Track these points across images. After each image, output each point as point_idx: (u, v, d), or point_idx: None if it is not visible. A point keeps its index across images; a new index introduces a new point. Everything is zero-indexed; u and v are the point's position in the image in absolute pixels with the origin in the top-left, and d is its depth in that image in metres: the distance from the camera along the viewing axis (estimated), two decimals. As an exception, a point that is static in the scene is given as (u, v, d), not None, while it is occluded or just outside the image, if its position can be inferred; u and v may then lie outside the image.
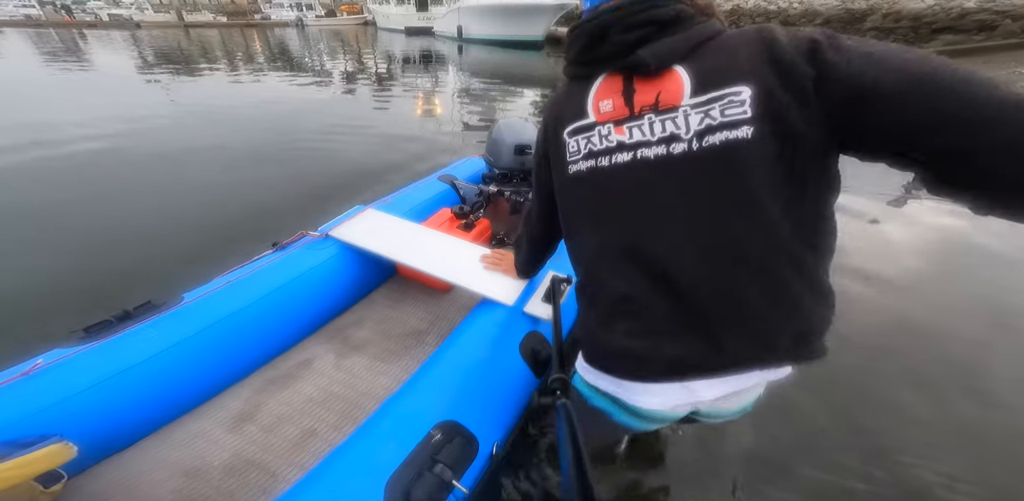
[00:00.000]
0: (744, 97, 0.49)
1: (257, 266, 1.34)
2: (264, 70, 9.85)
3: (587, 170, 0.62)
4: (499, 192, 1.91)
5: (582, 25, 0.61)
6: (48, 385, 0.95)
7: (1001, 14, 7.91)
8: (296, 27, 31.87)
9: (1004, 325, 1.85)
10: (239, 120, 5.27)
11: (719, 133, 0.51)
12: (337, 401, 1.21)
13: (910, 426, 1.40)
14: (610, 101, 0.59)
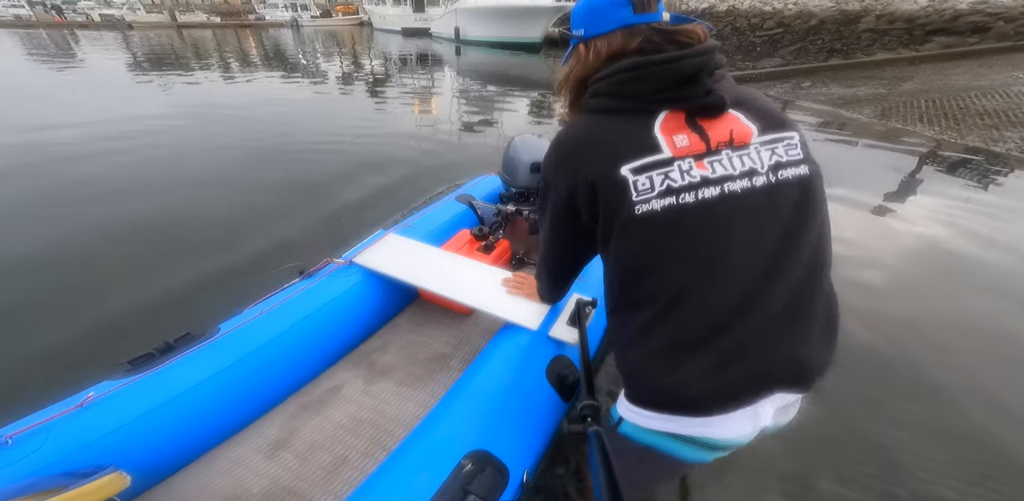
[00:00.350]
0: (796, 141, 0.63)
1: (287, 295, 1.39)
2: (259, 71, 9.75)
3: (664, 208, 0.59)
4: (517, 211, 1.93)
5: (650, 65, 0.60)
6: (101, 416, 1.01)
7: (994, 16, 7.83)
8: (291, 28, 31.00)
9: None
10: (236, 123, 5.24)
11: (790, 169, 0.61)
12: (367, 427, 1.23)
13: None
14: (685, 136, 0.60)
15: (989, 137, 4.25)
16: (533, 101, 7.10)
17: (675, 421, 0.65)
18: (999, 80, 5.83)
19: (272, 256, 2.37)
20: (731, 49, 13.45)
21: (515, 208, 1.93)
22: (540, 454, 1.05)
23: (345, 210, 3.01)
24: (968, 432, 1.41)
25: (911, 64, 7.41)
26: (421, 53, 14.83)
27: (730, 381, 0.60)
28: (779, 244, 0.60)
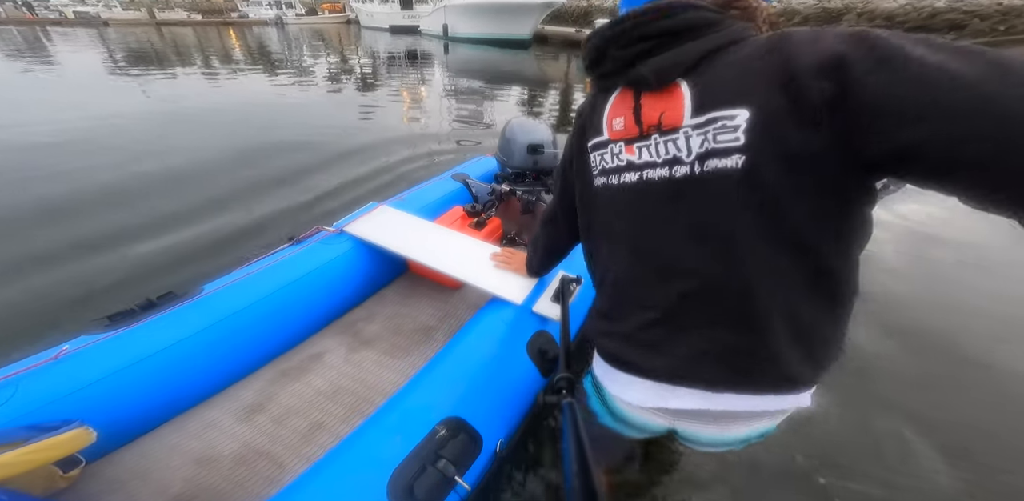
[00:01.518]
0: (738, 122, 0.45)
1: (274, 259, 1.37)
2: (244, 69, 9.53)
3: (601, 186, 0.63)
4: (511, 191, 1.91)
5: (590, 38, 0.59)
6: (73, 371, 0.99)
7: (969, 14, 8.10)
8: (275, 26, 30.38)
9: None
10: (220, 123, 5.00)
11: (719, 159, 0.47)
12: (346, 395, 1.22)
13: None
14: (622, 119, 0.57)
15: None
16: (524, 97, 7.02)
17: (604, 370, 0.70)
18: None
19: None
20: None
21: (509, 188, 1.91)
22: (515, 426, 1.04)
23: (331, 212, 2.80)
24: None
25: None
26: (410, 50, 14.48)
27: (629, 352, 0.64)
28: (687, 242, 0.53)
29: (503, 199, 1.96)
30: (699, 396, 0.59)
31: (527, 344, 1.13)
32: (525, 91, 7.49)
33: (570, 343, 1.02)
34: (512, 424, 1.02)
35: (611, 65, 0.56)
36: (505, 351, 1.10)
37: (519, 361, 1.11)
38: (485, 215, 1.74)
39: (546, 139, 1.86)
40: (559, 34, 15.60)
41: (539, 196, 1.93)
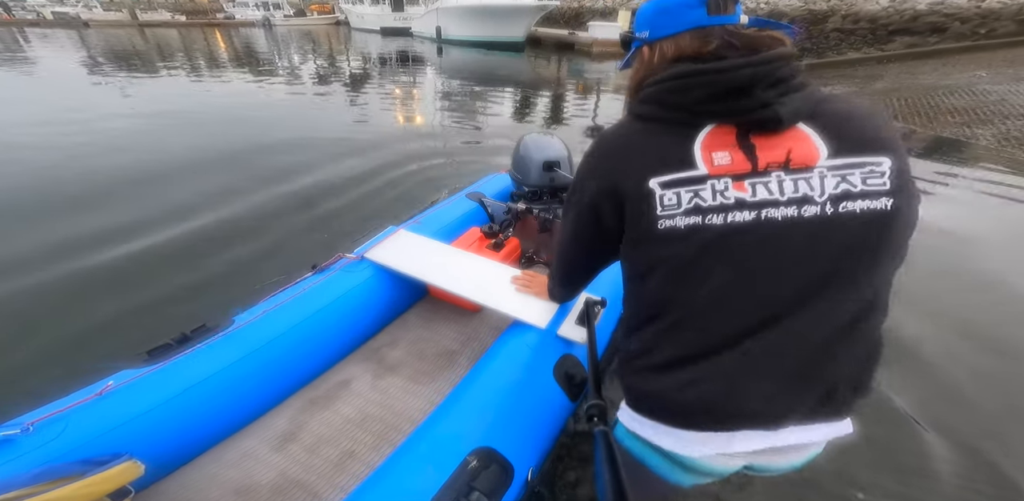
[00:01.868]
0: (884, 169, 0.51)
1: (299, 289, 1.41)
2: (231, 71, 9.43)
3: (687, 227, 0.55)
4: (528, 210, 1.92)
5: (698, 73, 0.55)
6: (119, 405, 1.03)
7: (950, 17, 8.23)
8: (263, 27, 29.36)
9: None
10: (206, 124, 5.01)
11: (861, 201, 0.51)
12: (374, 422, 1.24)
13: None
14: (727, 153, 0.55)
15: (962, 134, 4.39)
16: (519, 100, 7.04)
17: (654, 428, 0.65)
18: (963, 79, 6.06)
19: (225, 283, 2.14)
20: None
21: (526, 206, 1.93)
22: (546, 453, 1.04)
23: (325, 220, 2.84)
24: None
25: (880, 63, 7.73)
26: (402, 53, 14.48)
27: (706, 401, 0.59)
28: (812, 288, 0.54)
29: (520, 218, 1.98)
30: (762, 437, 0.60)
31: (554, 368, 1.13)
32: (521, 93, 7.54)
33: (599, 367, 1.02)
34: (542, 451, 1.02)
35: (748, 103, 0.54)
36: (531, 376, 1.11)
37: (546, 386, 1.11)
38: (503, 236, 1.76)
39: (562, 155, 1.87)
40: (552, 36, 15.64)
41: (556, 214, 1.94)
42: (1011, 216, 2.81)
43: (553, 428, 1.07)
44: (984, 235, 2.53)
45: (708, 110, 0.56)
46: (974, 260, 2.31)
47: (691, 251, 0.56)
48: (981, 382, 1.59)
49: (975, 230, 2.58)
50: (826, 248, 0.53)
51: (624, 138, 0.64)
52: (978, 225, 2.65)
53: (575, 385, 1.14)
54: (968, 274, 2.19)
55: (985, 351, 1.73)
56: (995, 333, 1.82)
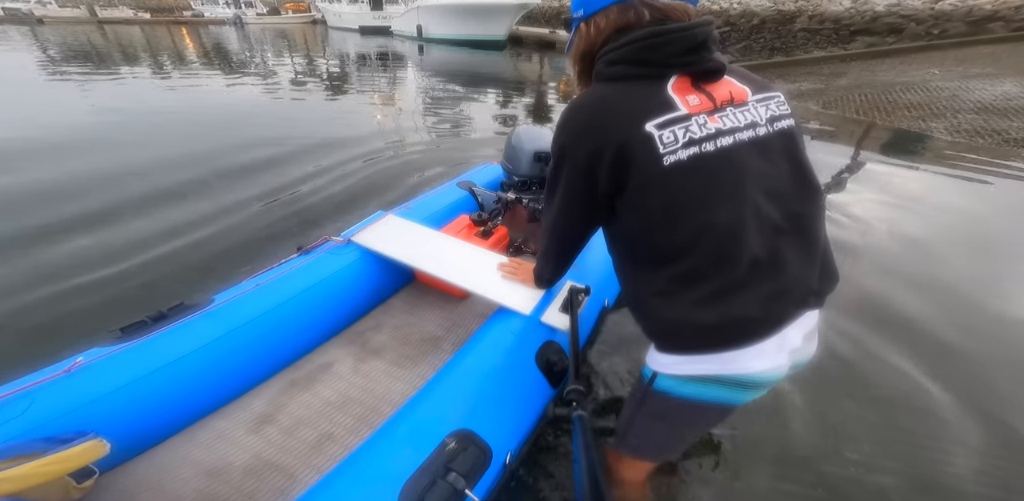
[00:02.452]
0: (782, 100, 0.74)
1: (282, 270, 1.38)
2: (198, 71, 9.05)
3: (689, 157, 0.65)
4: (517, 199, 1.91)
5: (668, 32, 0.65)
6: (87, 383, 1.00)
7: (906, 18, 8.66)
8: (234, 25, 28.21)
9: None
10: (174, 125, 4.76)
11: (783, 121, 0.72)
12: (355, 405, 1.23)
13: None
14: (695, 96, 0.67)
15: (918, 127, 4.74)
16: (504, 98, 6.98)
17: (714, 361, 0.70)
18: (918, 76, 6.45)
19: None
20: None
21: (515, 196, 1.92)
22: (525, 437, 1.04)
23: (305, 223, 2.70)
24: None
25: (843, 61, 8.17)
26: (381, 52, 14.15)
27: (758, 308, 0.67)
28: (790, 184, 0.70)
29: (509, 207, 1.96)
30: (802, 320, 0.71)
31: (536, 355, 1.13)
32: (504, 91, 7.48)
33: (579, 354, 1.02)
34: (522, 436, 1.02)
35: (707, 55, 0.67)
36: (514, 361, 1.10)
37: (528, 372, 1.11)
38: (492, 224, 1.74)
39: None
40: (533, 34, 15.56)
41: (545, 204, 1.93)
42: (965, 192, 3.23)
43: (533, 413, 1.07)
44: (940, 210, 2.92)
45: (677, 62, 0.67)
46: (927, 232, 2.65)
47: (701, 176, 0.66)
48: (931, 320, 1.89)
49: (934, 205, 2.98)
50: (778, 156, 0.70)
51: (601, 100, 0.70)
52: (939, 200, 3.07)
53: (556, 372, 1.14)
54: (920, 243, 2.53)
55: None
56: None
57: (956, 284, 2.14)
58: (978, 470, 1.28)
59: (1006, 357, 1.69)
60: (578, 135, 0.70)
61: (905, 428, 1.40)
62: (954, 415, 1.44)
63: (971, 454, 1.32)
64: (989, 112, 4.85)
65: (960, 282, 2.15)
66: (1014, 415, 1.45)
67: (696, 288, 0.68)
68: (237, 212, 2.83)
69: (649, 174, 0.65)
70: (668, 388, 0.77)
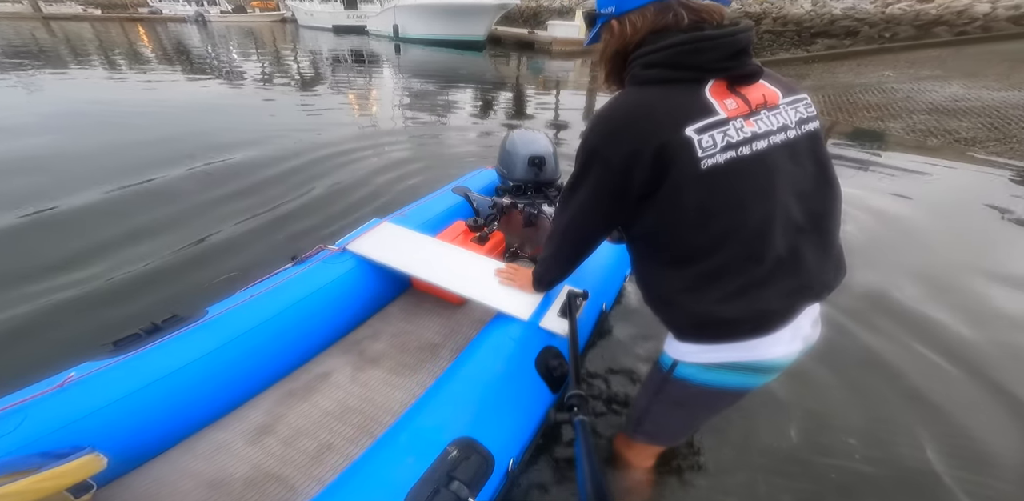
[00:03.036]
0: (808, 101, 0.77)
1: (278, 280, 1.38)
2: (158, 70, 8.60)
3: (726, 160, 0.67)
4: (513, 204, 1.92)
5: (712, 38, 0.66)
6: (80, 397, 0.99)
7: (861, 21, 9.15)
8: (196, 23, 26.88)
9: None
10: (122, 128, 4.49)
11: (809, 123, 0.74)
12: (354, 414, 1.22)
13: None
14: (732, 100, 0.69)
15: (877, 127, 5.00)
16: (487, 98, 6.95)
17: (736, 349, 0.75)
18: (874, 78, 6.79)
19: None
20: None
21: (511, 201, 1.93)
22: (527, 443, 1.05)
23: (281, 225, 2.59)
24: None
25: (806, 63, 8.58)
26: (356, 51, 13.77)
27: (778, 302, 0.72)
28: (817, 184, 0.74)
29: (505, 212, 1.97)
30: (810, 310, 0.77)
31: (535, 360, 1.13)
32: (486, 91, 7.45)
33: (579, 359, 1.03)
34: (523, 442, 1.02)
35: (747, 60, 0.69)
36: (513, 368, 1.11)
37: (528, 377, 1.11)
38: (488, 229, 1.75)
39: (547, 151, 1.88)
40: (512, 35, 15.59)
41: (541, 208, 1.95)
42: (922, 188, 3.41)
43: (534, 419, 1.08)
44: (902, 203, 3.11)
45: (719, 67, 0.68)
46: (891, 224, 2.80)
47: (735, 178, 0.68)
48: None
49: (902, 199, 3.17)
50: (805, 158, 0.73)
51: (640, 103, 0.70)
52: (906, 193, 3.26)
53: (556, 377, 1.15)
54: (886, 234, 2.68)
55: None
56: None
57: (933, 273, 2.25)
58: (956, 455, 1.33)
59: (986, 342, 1.78)
60: (615, 136, 0.69)
61: (889, 418, 1.46)
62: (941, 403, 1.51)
63: (955, 441, 1.38)
64: (940, 113, 5.12)
65: (934, 270, 2.27)
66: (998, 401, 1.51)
67: (722, 285, 0.72)
68: (210, 219, 2.71)
69: (687, 177, 0.67)
70: (689, 375, 0.82)
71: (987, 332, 1.83)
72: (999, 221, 2.86)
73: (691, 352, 0.80)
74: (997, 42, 8.67)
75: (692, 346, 0.79)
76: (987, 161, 3.86)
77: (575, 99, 7.26)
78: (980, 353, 1.72)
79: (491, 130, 4.95)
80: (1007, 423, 1.43)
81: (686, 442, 1.29)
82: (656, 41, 0.68)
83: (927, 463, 1.30)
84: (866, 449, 1.33)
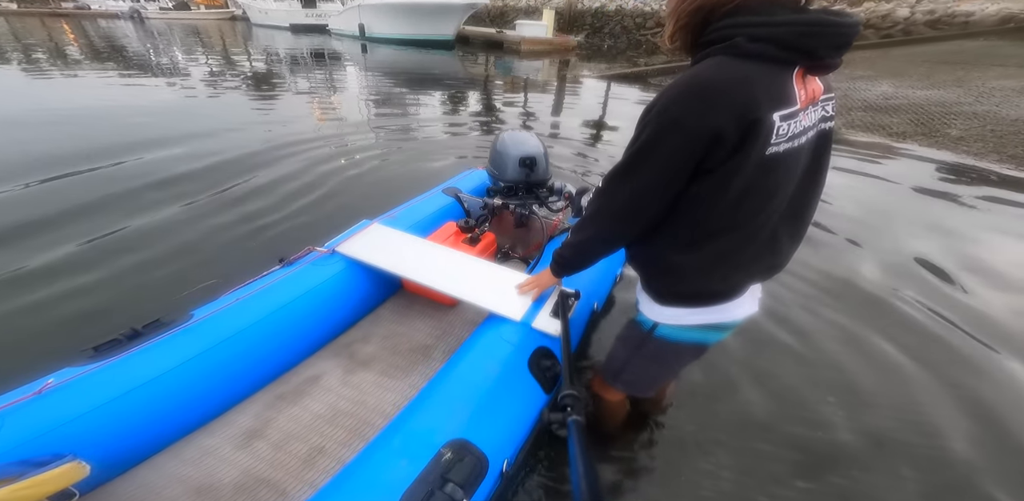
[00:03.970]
0: (834, 100, 0.76)
1: (265, 283, 1.36)
2: (86, 69, 7.97)
3: (783, 150, 0.69)
4: (504, 205, 1.93)
5: (836, 25, 0.64)
6: (60, 404, 0.96)
7: None
8: (132, 20, 25.12)
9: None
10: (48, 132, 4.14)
11: (830, 121, 0.76)
12: (345, 417, 1.21)
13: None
14: (803, 91, 0.69)
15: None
16: (467, 99, 6.89)
17: (711, 312, 0.86)
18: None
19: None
20: (623, 46, 14.55)
21: (502, 201, 1.93)
22: (520, 444, 1.05)
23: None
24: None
25: None
26: (319, 51, 13.10)
27: (756, 277, 0.85)
28: (815, 181, 0.79)
29: (496, 213, 1.98)
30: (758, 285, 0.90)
31: (528, 360, 1.14)
32: (463, 92, 7.40)
33: (572, 359, 1.03)
34: (517, 443, 1.02)
35: (840, 54, 0.67)
36: (506, 368, 1.11)
37: (521, 378, 1.11)
38: (479, 230, 1.75)
39: (538, 151, 1.88)
40: (480, 34, 15.50)
41: (532, 209, 1.95)
42: (858, 182, 3.62)
43: (528, 420, 1.08)
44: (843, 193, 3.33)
45: (824, 55, 0.65)
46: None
47: (781, 169, 0.71)
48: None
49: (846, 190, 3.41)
50: (817, 153, 0.77)
51: (742, 78, 0.65)
52: (846, 185, 3.51)
53: (549, 377, 1.15)
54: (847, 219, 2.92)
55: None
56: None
57: (878, 248, 2.55)
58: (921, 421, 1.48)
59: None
60: (707, 107, 0.65)
61: (854, 388, 1.61)
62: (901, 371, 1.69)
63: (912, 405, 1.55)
64: (874, 110, 5.53)
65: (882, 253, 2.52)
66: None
67: (727, 262, 0.79)
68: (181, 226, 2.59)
69: (751, 159, 0.67)
70: (668, 334, 0.92)
71: (937, 301, 2.08)
72: (927, 206, 3.21)
73: (674, 316, 0.89)
74: (917, 45, 9.68)
75: (675, 310, 0.88)
76: (916, 153, 4.20)
77: (544, 97, 7.24)
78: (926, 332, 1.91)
79: (464, 129, 4.98)
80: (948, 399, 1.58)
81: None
82: (770, 12, 0.64)
83: (898, 431, 1.44)
84: (837, 418, 1.48)
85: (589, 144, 4.61)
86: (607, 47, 14.68)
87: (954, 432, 1.44)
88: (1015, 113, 5.02)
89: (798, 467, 1.31)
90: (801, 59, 0.66)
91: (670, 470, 1.28)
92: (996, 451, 1.38)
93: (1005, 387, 1.61)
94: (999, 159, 3.97)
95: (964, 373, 1.68)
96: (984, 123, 4.84)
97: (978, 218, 2.99)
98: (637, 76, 8.92)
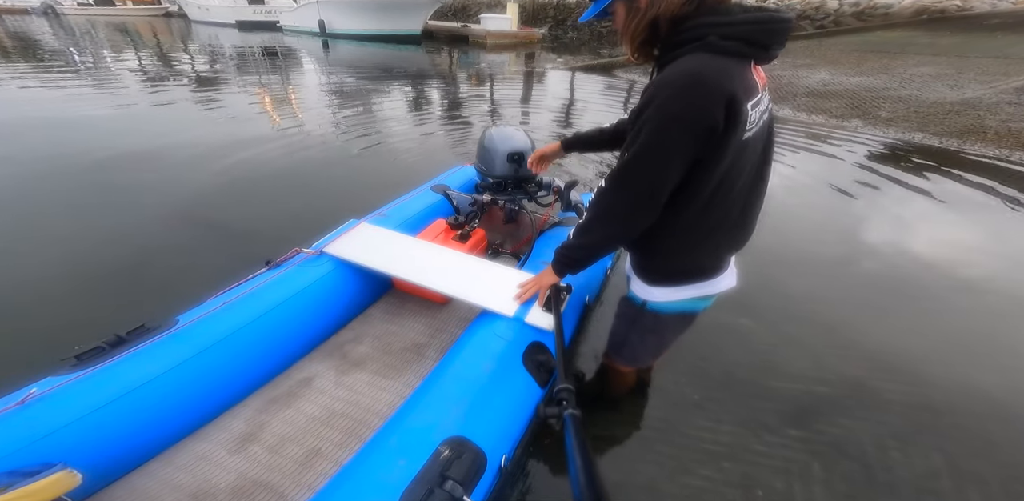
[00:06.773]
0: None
1: (251, 286, 1.33)
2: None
3: (751, 135, 0.76)
4: (493, 201, 1.92)
5: (781, 21, 0.72)
6: (45, 413, 0.94)
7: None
8: (44, 16, 23.25)
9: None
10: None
11: (770, 104, 0.82)
12: (341, 419, 1.20)
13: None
14: (759, 81, 0.77)
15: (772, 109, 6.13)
16: (434, 93, 6.85)
17: (699, 287, 0.96)
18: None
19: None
20: (585, 37, 14.66)
21: (491, 198, 1.92)
22: (518, 440, 1.06)
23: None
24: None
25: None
26: (269, 49, 12.34)
27: (735, 252, 0.97)
28: (766, 159, 0.86)
29: (485, 209, 1.97)
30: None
31: (523, 355, 1.14)
32: (435, 87, 7.36)
33: (566, 353, 1.04)
34: (515, 438, 1.03)
35: (782, 47, 0.75)
36: (500, 364, 1.11)
37: (515, 373, 1.12)
38: (468, 227, 1.74)
39: (525, 146, 1.87)
40: (444, 29, 15.45)
41: (521, 204, 1.95)
42: (809, 160, 4.02)
43: (524, 415, 1.09)
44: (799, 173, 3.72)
45: (773, 48, 0.74)
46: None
47: (749, 153, 0.78)
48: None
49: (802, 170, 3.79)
50: (769, 133, 0.84)
51: (723, 71, 0.71)
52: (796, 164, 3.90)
53: (544, 372, 1.16)
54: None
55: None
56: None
57: (821, 223, 2.89)
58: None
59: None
60: (703, 100, 0.69)
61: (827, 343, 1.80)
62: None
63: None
64: (816, 95, 6.01)
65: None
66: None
67: (714, 241, 0.89)
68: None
69: (732, 145, 0.74)
70: (658, 308, 1.01)
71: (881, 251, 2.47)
72: (864, 176, 3.60)
73: (663, 295, 0.98)
74: (847, 35, 10.27)
75: (663, 289, 0.97)
76: (854, 133, 4.73)
77: (512, 89, 7.43)
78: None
79: (427, 120, 5.02)
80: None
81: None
82: (727, 12, 0.72)
83: (871, 380, 1.62)
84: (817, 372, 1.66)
85: (558, 135, 4.62)
86: (571, 39, 14.72)
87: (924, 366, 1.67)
88: (933, 96, 5.55)
89: (786, 417, 1.46)
90: (759, 53, 0.74)
91: (673, 429, 1.42)
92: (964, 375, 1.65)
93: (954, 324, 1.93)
94: (924, 136, 4.53)
95: (916, 314, 1.99)
96: (908, 106, 5.34)
97: (915, 185, 3.44)
98: (603, 67, 9.19)
